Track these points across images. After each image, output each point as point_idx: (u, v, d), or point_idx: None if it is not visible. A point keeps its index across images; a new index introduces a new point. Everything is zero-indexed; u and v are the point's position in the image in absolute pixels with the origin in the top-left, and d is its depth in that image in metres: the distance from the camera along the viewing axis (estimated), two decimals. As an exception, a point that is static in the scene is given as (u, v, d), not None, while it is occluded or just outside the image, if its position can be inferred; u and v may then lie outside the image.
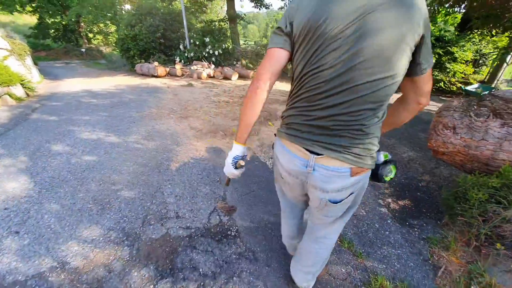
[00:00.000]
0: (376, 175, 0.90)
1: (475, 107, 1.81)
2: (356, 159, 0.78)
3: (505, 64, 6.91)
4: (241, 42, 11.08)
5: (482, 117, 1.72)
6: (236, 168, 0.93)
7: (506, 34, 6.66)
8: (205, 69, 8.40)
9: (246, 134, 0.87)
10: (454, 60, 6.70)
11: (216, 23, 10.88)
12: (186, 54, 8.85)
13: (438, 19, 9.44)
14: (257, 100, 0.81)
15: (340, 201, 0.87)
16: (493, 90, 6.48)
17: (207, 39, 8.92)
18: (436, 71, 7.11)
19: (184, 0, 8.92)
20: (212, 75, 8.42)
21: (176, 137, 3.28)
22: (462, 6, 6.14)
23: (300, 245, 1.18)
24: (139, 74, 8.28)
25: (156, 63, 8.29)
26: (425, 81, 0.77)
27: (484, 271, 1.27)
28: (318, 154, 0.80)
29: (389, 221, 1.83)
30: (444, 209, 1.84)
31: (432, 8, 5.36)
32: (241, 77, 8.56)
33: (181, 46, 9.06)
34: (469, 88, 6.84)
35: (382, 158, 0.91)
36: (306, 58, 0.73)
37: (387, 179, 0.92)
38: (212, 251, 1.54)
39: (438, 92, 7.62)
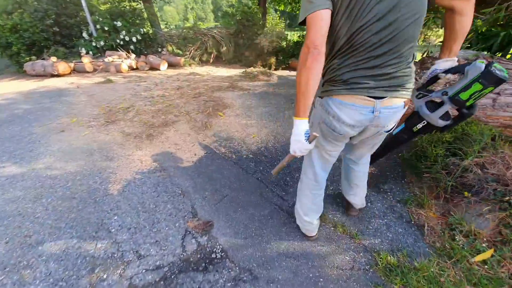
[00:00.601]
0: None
1: (418, 71, 1.94)
2: (408, 93, 0.94)
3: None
4: (162, 26, 9.71)
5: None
6: (309, 142, 0.90)
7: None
8: (125, 60, 7.07)
9: (310, 106, 0.86)
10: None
11: (126, 3, 9.14)
12: (94, 44, 7.19)
13: None
14: (320, 66, 0.81)
15: (390, 129, 1.07)
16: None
17: (119, 23, 7.42)
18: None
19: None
20: (135, 67, 7.18)
21: (106, 149, 2.58)
22: None
23: (356, 174, 1.42)
24: (33, 76, 6.29)
25: (53, 59, 6.46)
26: None
27: (461, 219, 1.40)
28: (381, 98, 0.90)
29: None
30: (407, 168, 1.99)
31: None
32: (171, 65, 7.61)
33: (84, 34, 7.28)
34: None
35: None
36: (352, 16, 0.79)
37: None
38: (200, 287, 1.22)
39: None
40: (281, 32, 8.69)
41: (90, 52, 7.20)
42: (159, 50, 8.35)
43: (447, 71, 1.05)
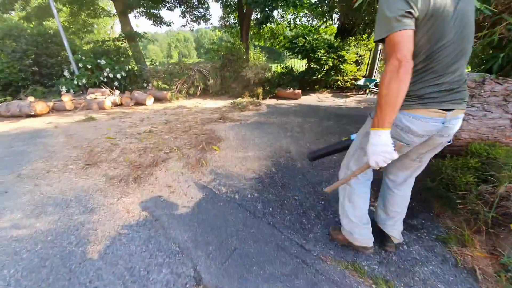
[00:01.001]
0: None
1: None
2: (466, 104, 1.04)
3: (377, 60, 8.87)
4: (147, 62, 9.80)
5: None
6: (396, 150, 0.94)
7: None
8: (108, 97, 6.85)
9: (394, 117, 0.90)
10: (345, 62, 8.06)
11: (110, 42, 9.23)
12: (76, 82, 6.96)
13: (321, 31, 11.38)
14: (408, 78, 0.86)
15: (451, 140, 1.12)
16: (376, 81, 8.22)
17: (103, 61, 7.35)
18: (332, 72, 8.37)
19: (60, 19, 7.05)
20: (119, 103, 6.95)
21: (85, 198, 2.20)
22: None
23: (397, 199, 1.37)
24: (7, 117, 5.82)
25: (31, 98, 6.10)
26: None
27: (518, 260, 1.19)
28: (450, 110, 0.98)
29: (397, 231, 1.64)
30: (432, 198, 1.81)
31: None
32: (157, 100, 7.46)
33: (66, 73, 7.08)
34: (359, 82, 8.38)
35: None
36: (432, 38, 0.88)
37: None
38: None
39: (338, 89, 9.00)
40: (265, 64, 9.05)
41: (71, 90, 6.94)
42: (145, 85, 8.28)
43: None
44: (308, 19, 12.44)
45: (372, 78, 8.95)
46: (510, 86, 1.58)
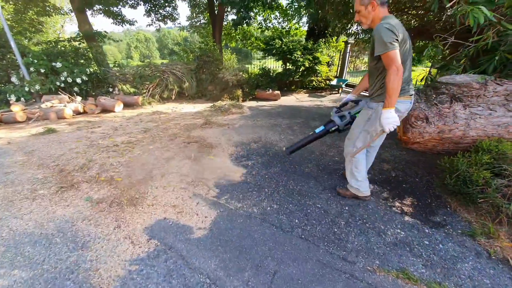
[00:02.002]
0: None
1: (434, 96, 1.98)
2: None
3: (346, 62, 9.36)
4: (111, 64, 8.86)
5: (446, 103, 1.88)
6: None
7: (344, 39, 9.10)
8: (68, 104, 6.04)
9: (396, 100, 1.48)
10: (320, 63, 8.34)
11: (66, 43, 8.15)
12: (27, 89, 5.97)
13: (291, 33, 11.68)
14: (402, 77, 1.43)
15: None
16: (347, 81, 8.68)
17: (58, 64, 6.44)
18: (309, 73, 8.61)
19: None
20: (82, 111, 6.18)
21: (71, 231, 1.84)
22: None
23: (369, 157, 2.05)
24: None
25: (-33, 110, 5.06)
26: None
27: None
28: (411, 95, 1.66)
29: (425, 230, 1.67)
30: (445, 194, 1.90)
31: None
32: (127, 105, 6.81)
33: (14, 79, 6.03)
34: (332, 83, 8.76)
35: None
36: (405, 55, 1.50)
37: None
38: None
39: (313, 89, 9.30)
40: (242, 66, 8.92)
41: (22, 99, 5.94)
42: (110, 90, 7.50)
43: (352, 101, 2.00)
44: (279, 21, 12.63)
45: (343, 78, 9.42)
46: (510, 86, 1.73)
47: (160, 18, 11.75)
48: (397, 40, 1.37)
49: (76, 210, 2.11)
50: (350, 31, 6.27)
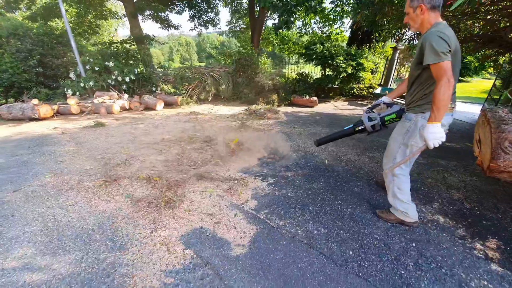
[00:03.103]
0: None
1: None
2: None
3: (393, 69, 8.63)
4: (155, 65, 9.46)
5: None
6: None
7: (392, 45, 8.43)
8: (117, 101, 6.48)
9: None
10: (364, 69, 7.81)
11: (118, 44, 8.91)
12: (82, 84, 6.59)
13: (332, 38, 11.21)
14: (452, 89, 1.31)
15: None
16: (393, 90, 7.97)
17: (111, 64, 7.00)
18: (351, 79, 8.11)
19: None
20: (128, 107, 6.59)
21: (111, 229, 1.82)
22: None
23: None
24: (8, 120, 5.41)
25: (34, 101, 5.71)
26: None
27: None
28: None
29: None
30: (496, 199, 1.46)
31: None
32: (167, 105, 7.10)
33: (71, 75, 6.70)
34: (376, 91, 8.12)
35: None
36: (454, 67, 1.34)
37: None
38: None
39: (353, 97, 8.74)
40: (279, 70, 8.78)
41: (77, 93, 6.55)
42: (154, 89, 7.93)
43: (385, 103, 1.88)
44: (319, 25, 12.28)
45: (389, 86, 8.70)
46: None
47: (202, 23, 12.25)
48: (450, 51, 1.29)
49: (116, 206, 2.11)
50: (403, 36, 5.73)
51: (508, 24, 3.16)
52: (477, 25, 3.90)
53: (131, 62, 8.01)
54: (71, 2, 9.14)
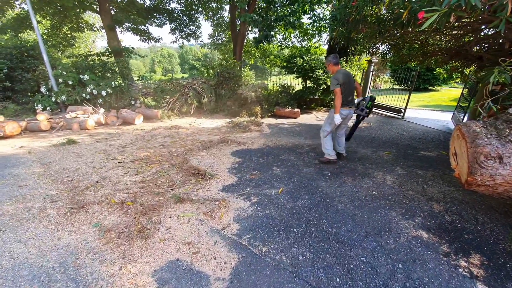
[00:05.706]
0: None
1: (508, 130, 1.62)
2: (354, 106, 3.30)
3: (369, 80, 9.03)
4: (135, 78, 9.18)
5: (527, 140, 1.51)
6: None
7: (367, 58, 8.86)
8: (91, 115, 6.15)
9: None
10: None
11: (95, 57, 8.57)
12: (54, 99, 6.19)
13: (311, 51, 11.62)
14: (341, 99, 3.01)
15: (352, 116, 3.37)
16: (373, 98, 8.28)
17: (86, 77, 6.68)
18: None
19: (39, 32, 6.35)
20: (104, 122, 6.27)
21: (75, 266, 1.60)
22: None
23: (339, 140, 3.47)
24: (-36, 139, 4.90)
25: (0, 118, 5.26)
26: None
27: None
28: (351, 108, 3.14)
29: None
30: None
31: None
32: (147, 118, 6.85)
33: (43, 89, 6.29)
34: (356, 100, 8.41)
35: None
36: (345, 89, 2.99)
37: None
38: None
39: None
40: (262, 83, 8.86)
41: (48, 108, 6.14)
42: (132, 102, 7.64)
43: (361, 100, 3.33)
44: (298, 39, 12.70)
45: (367, 95, 9.07)
46: None
47: (184, 36, 12.22)
48: (338, 84, 2.91)
49: (82, 238, 1.90)
50: (377, 50, 6.03)
51: (471, 38, 3.42)
52: (443, 39, 4.19)
53: (108, 75, 7.72)
54: (45, 14, 8.74)
